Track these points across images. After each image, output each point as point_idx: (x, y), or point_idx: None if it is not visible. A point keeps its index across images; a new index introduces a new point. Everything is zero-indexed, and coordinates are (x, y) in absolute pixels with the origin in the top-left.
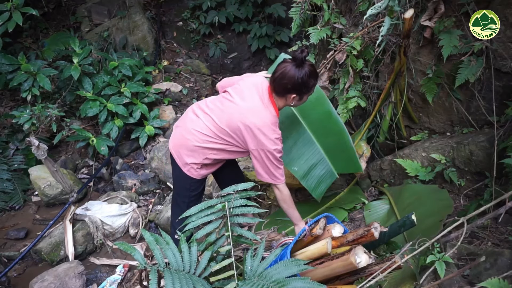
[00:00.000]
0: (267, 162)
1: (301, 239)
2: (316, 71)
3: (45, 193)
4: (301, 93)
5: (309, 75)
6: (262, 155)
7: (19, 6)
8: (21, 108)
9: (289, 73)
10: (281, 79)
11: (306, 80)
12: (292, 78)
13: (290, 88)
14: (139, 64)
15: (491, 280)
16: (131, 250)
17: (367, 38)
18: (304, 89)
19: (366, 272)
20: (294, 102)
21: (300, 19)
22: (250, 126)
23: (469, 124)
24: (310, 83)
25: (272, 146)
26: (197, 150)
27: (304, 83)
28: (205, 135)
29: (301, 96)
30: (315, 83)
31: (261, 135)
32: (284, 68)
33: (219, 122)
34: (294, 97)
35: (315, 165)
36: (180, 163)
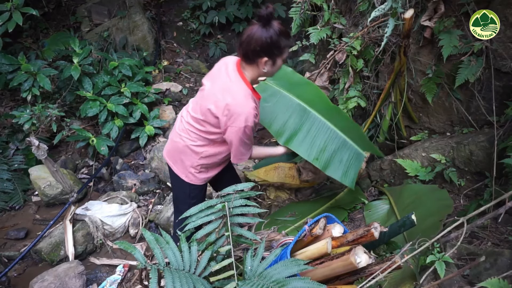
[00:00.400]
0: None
1: (301, 239)
2: (286, 30)
3: (45, 193)
4: (272, 55)
5: (278, 34)
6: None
7: (19, 6)
8: (21, 108)
9: (256, 35)
10: (248, 43)
11: (276, 39)
12: (260, 39)
13: (259, 51)
14: (139, 64)
15: (491, 280)
16: (132, 249)
17: (367, 38)
18: (276, 50)
19: (366, 272)
20: (267, 68)
21: (300, 19)
22: (220, 106)
23: (469, 124)
24: (281, 43)
25: (243, 123)
26: (187, 151)
27: (274, 43)
28: (188, 132)
29: (273, 59)
30: (288, 44)
31: (231, 113)
32: (250, 31)
33: (195, 113)
34: (266, 61)
35: (337, 150)
36: (177, 170)
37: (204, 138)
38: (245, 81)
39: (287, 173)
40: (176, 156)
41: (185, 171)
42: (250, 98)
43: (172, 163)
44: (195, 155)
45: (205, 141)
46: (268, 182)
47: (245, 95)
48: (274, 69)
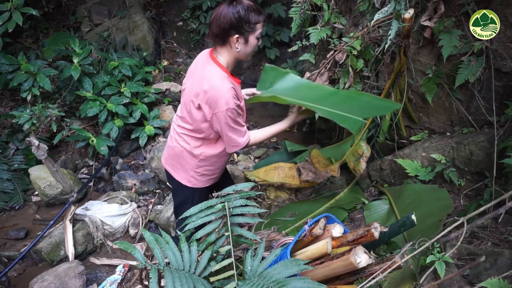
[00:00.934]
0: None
1: (301, 239)
2: (256, 6)
3: (45, 193)
4: (243, 31)
5: (246, 9)
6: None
7: (19, 6)
8: (21, 108)
9: (223, 12)
10: (217, 22)
11: (244, 14)
12: (227, 15)
13: (228, 28)
14: (139, 64)
15: (491, 280)
16: (132, 249)
17: (367, 38)
18: (245, 26)
19: (366, 272)
20: (240, 46)
21: (300, 19)
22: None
23: (469, 124)
24: (251, 18)
25: (224, 106)
26: (185, 155)
27: (242, 18)
28: (181, 135)
29: (244, 36)
30: (259, 20)
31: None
32: (217, 10)
33: (182, 114)
34: (237, 39)
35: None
36: (178, 176)
37: (197, 138)
38: (219, 65)
39: (287, 173)
40: (176, 162)
41: (187, 175)
42: (226, 79)
43: (173, 169)
44: (193, 158)
45: (199, 141)
46: (268, 182)
47: (219, 78)
48: (248, 48)
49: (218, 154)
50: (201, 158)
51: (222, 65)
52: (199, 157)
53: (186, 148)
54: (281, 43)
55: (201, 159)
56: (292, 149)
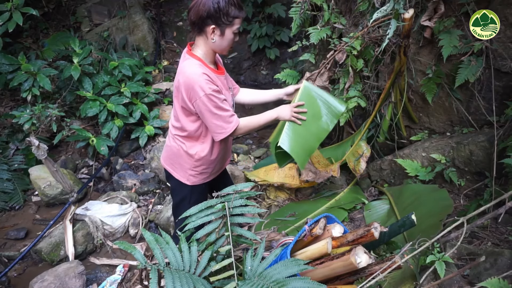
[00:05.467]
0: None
1: (301, 239)
2: (238, 1)
3: (45, 193)
4: (220, 23)
5: (227, 1)
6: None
7: (19, 6)
8: (21, 108)
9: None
10: (196, 9)
11: (224, 6)
12: (206, 4)
13: (206, 17)
14: (139, 64)
15: (491, 280)
16: (132, 249)
17: (367, 38)
18: (223, 18)
19: (366, 272)
20: (215, 38)
21: (300, 19)
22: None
23: (469, 124)
24: (230, 12)
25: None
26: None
27: (221, 10)
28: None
29: (221, 28)
30: (238, 15)
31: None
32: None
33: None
34: (213, 30)
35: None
36: (177, 175)
37: (188, 137)
38: (193, 56)
39: (287, 173)
40: (174, 161)
41: (185, 174)
42: (198, 67)
43: (171, 168)
44: (190, 157)
45: (191, 140)
46: (268, 182)
47: (191, 66)
48: (223, 42)
49: (211, 152)
50: (197, 158)
51: (197, 56)
52: (195, 156)
53: (183, 147)
54: (281, 43)
55: (197, 159)
56: None
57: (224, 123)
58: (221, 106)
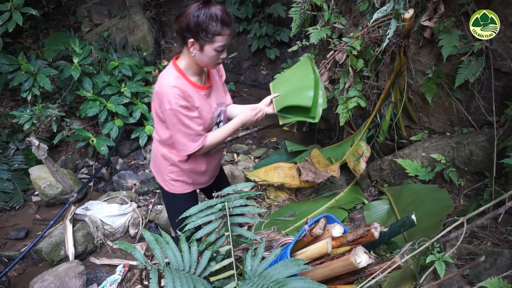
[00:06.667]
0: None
1: (301, 239)
2: (223, 17)
3: (45, 193)
4: (198, 37)
5: (208, 17)
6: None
7: (19, 6)
8: (21, 108)
9: (187, 11)
10: (179, 19)
11: (203, 21)
12: (188, 15)
13: (185, 29)
14: (139, 64)
15: (491, 280)
16: (132, 249)
17: (367, 38)
18: (202, 33)
19: (366, 272)
20: (195, 52)
21: (300, 19)
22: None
23: (469, 124)
24: (210, 28)
25: (167, 105)
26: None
27: (200, 24)
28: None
29: (200, 43)
30: (220, 32)
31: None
32: (186, 7)
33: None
34: (192, 44)
35: None
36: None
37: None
38: (174, 66)
39: (287, 173)
40: (155, 164)
41: (163, 179)
42: (173, 78)
43: (155, 171)
44: (166, 161)
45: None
46: (268, 182)
47: (167, 75)
48: (203, 57)
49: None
50: (171, 163)
51: (179, 67)
52: (170, 161)
53: (159, 151)
54: (281, 43)
55: (171, 164)
56: (292, 149)
57: (187, 142)
58: (186, 123)
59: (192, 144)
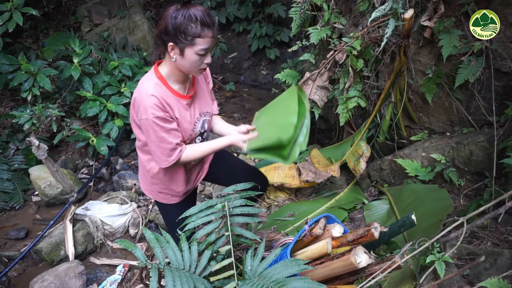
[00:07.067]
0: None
1: (301, 239)
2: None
3: (45, 193)
4: (177, 40)
5: (187, 18)
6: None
7: (20, 6)
8: (21, 108)
9: (166, 13)
10: (158, 22)
11: (182, 22)
12: (166, 18)
13: (164, 33)
14: (139, 64)
15: (491, 280)
16: (132, 247)
17: (367, 38)
18: (180, 36)
19: (366, 272)
20: (175, 56)
21: (300, 19)
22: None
23: (469, 124)
24: (189, 30)
25: (143, 115)
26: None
27: (178, 27)
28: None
29: (180, 47)
30: (201, 34)
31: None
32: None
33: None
34: (172, 48)
35: None
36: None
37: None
38: (155, 71)
39: (287, 173)
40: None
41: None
42: (152, 85)
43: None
44: (147, 172)
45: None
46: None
47: (145, 82)
48: (184, 62)
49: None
50: (151, 175)
51: (160, 73)
52: (150, 172)
53: (142, 159)
54: (281, 43)
55: (152, 176)
56: None
57: (160, 155)
58: (161, 136)
59: (165, 158)
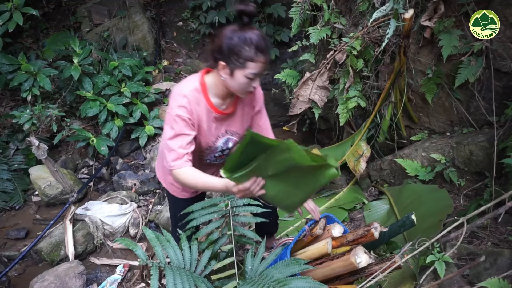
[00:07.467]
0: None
1: (301, 239)
2: (259, 43)
3: (45, 193)
4: (229, 61)
5: (242, 40)
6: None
7: (20, 6)
8: (21, 108)
9: (224, 31)
10: (215, 38)
11: (237, 44)
12: (223, 37)
13: (218, 51)
14: (139, 64)
15: (491, 280)
16: (133, 245)
17: (367, 38)
18: (233, 57)
19: (366, 272)
20: (224, 76)
21: (300, 19)
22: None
23: (469, 124)
24: (243, 53)
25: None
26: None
27: (232, 48)
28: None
29: (231, 68)
30: (254, 58)
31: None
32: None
33: None
34: (223, 66)
35: None
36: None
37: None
38: (200, 78)
39: None
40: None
41: (165, 178)
42: (190, 89)
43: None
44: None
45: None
46: None
47: (187, 82)
48: (233, 82)
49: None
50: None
51: (204, 82)
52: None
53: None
54: (281, 43)
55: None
56: None
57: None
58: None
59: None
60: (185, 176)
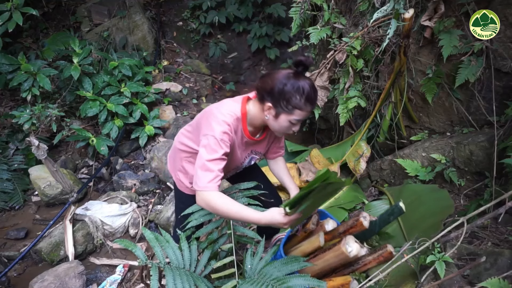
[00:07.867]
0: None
1: (294, 234)
2: (309, 94)
3: (45, 193)
4: (277, 104)
5: (295, 89)
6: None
7: (19, 6)
8: (21, 108)
9: (277, 75)
10: (265, 79)
11: (288, 91)
12: (276, 79)
13: (267, 91)
14: (139, 64)
15: (491, 280)
16: (132, 246)
17: (367, 38)
18: (282, 102)
19: (360, 263)
20: (269, 116)
21: (300, 19)
22: (206, 110)
23: (469, 124)
24: (293, 100)
25: (208, 130)
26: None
27: (283, 93)
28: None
29: (277, 110)
30: (302, 107)
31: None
32: (279, 70)
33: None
34: (269, 108)
35: None
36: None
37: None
38: (242, 105)
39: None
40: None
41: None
42: (232, 118)
43: (169, 161)
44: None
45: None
46: None
47: (230, 108)
48: (275, 123)
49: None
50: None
51: (245, 110)
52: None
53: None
54: (281, 43)
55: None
56: (292, 149)
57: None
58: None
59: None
60: (216, 201)
